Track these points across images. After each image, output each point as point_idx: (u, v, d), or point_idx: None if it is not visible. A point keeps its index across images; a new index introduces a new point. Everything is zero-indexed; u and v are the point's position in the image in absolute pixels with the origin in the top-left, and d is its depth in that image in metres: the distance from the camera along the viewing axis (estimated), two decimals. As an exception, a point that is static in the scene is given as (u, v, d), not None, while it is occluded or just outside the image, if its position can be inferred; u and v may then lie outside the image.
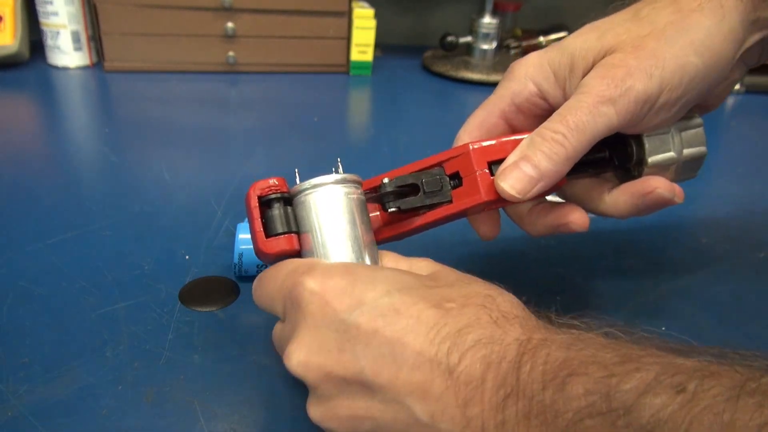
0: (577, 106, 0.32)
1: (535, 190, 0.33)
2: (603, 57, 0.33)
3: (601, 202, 0.37)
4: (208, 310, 0.41)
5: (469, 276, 0.30)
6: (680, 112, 0.35)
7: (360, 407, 0.27)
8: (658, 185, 0.35)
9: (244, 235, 0.43)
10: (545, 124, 0.33)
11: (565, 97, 0.35)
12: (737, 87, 1.01)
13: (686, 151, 0.37)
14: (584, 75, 0.34)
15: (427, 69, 1.03)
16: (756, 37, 0.35)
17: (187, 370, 0.36)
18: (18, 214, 0.52)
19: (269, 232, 0.32)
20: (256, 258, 0.43)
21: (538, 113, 0.36)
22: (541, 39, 1.10)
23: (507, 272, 0.48)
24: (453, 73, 0.98)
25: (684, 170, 0.38)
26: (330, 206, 0.32)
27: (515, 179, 0.32)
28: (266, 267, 0.43)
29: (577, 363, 0.22)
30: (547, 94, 0.36)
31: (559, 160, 0.32)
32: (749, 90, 1.02)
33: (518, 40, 1.10)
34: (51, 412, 0.33)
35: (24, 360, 0.36)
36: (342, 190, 0.32)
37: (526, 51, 1.10)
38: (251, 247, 0.42)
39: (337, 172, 0.33)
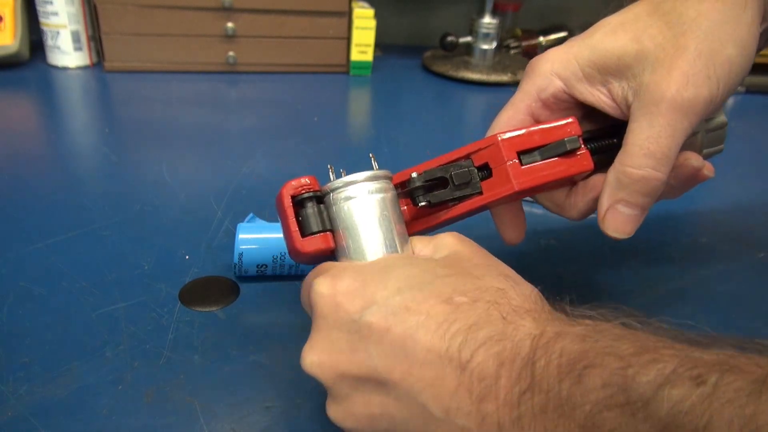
0: (655, 134, 0.32)
1: (640, 223, 0.34)
2: (642, 62, 0.33)
3: None
4: (208, 310, 0.41)
5: (487, 258, 0.30)
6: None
7: (376, 405, 0.27)
8: (688, 156, 0.35)
9: (244, 235, 0.43)
10: (625, 159, 0.33)
11: (594, 96, 0.35)
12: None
13: (707, 121, 0.37)
14: (620, 78, 0.34)
15: (427, 69, 1.03)
16: (764, 25, 0.35)
17: (187, 370, 0.36)
18: (18, 214, 0.52)
19: (304, 231, 0.32)
20: (266, 265, 0.43)
21: (563, 107, 0.37)
22: (541, 39, 1.10)
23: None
24: (453, 73, 0.98)
25: (709, 141, 0.38)
26: (363, 203, 0.32)
27: (620, 223, 0.34)
28: (267, 268, 0.43)
29: (593, 354, 0.22)
30: (574, 90, 0.35)
31: (655, 192, 0.33)
32: (749, 90, 1.02)
33: (518, 40, 1.10)
34: (51, 412, 0.33)
35: (24, 360, 0.36)
36: (374, 186, 0.32)
37: (526, 51, 1.10)
38: (251, 247, 0.43)
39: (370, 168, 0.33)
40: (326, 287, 0.29)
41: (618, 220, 0.34)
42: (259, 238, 0.43)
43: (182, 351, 0.37)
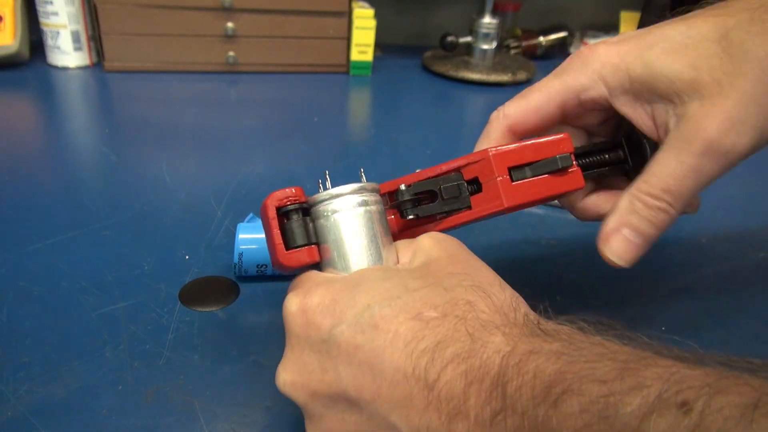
0: (680, 172, 0.31)
1: (641, 254, 0.33)
2: (694, 92, 0.31)
3: None
4: (208, 310, 0.41)
5: (463, 264, 0.29)
6: None
7: (350, 423, 0.27)
8: None
9: (244, 235, 0.43)
10: (643, 186, 0.32)
11: (636, 113, 0.34)
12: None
13: None
14: (666, 101, 0.32)
15: (427, 69, 1.03)
16: None
17: (187, 370, 0.36)
18: (18, 214, 0.52)
19: (289, 244, 0.31)
20: (266, 265, 0.43)
21: (596, 110, 0.36)
22: (541, 39, 1.10)
23: (506, 272, 0.48)
24: (453, 73, 0.98)
25: None
26: (349, 217, 0.31)
27: (621, 248, 0.33)
28: (267, 268, 0.43)
29: (571, 377, 0.21)
30: (615, 101, 0.34)
31: (664, 225, 0.32)
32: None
33: (518, 40, 1.10)
34: (51, 412, 0.33)
35: (24, 360, 0.36)
36: (360, 199, 0.32)
37: (526, 51, 1.10)
38: (251, 247, 0.43)
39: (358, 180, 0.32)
40: (296, 304, 0.28)
41: (621, 245, 0.33)
42: (259, 238, 0.43)
43: (182, 351, 0.37)
